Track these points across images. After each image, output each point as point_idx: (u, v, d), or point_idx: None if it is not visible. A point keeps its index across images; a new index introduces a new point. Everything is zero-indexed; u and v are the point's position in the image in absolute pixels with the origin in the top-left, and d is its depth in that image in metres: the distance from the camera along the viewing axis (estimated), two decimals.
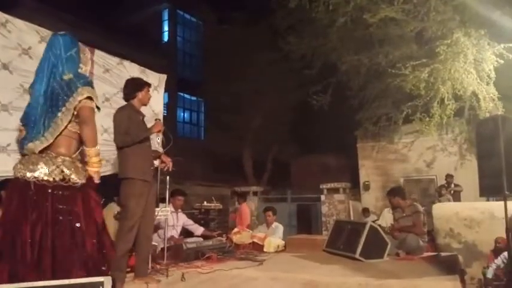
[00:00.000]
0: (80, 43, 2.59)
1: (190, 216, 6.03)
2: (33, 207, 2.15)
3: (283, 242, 5.31)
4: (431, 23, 7.83)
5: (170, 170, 3.78)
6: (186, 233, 5.63)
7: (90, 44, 5.05)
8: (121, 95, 5.20)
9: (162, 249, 4.27)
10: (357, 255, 4.08)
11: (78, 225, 2.21)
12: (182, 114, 17.61)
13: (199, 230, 5.60)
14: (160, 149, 3.91)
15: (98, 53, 5.03)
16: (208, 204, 6.74)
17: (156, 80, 5.60)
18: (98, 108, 2.49)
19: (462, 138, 10.86)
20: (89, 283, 2.45)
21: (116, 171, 5.10)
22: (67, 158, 2.31)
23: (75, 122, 2.37)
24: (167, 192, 4.22)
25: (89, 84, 2.40)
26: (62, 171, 2.23)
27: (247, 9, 13.43)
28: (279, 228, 6.00)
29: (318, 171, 13.67)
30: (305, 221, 11.67)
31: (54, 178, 2.20)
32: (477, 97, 8.12)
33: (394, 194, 5.13)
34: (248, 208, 7.74)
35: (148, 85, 3.67)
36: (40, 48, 4.33)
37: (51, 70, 2.39)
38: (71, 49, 2.47)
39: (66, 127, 2.32)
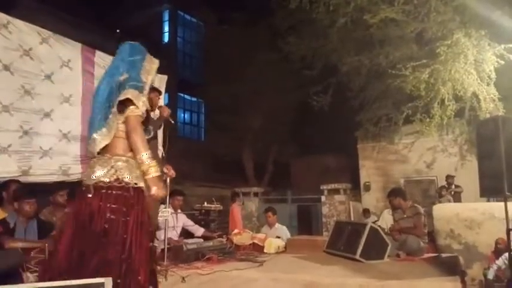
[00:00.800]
0: (148, 54, 2.58)
1: (190, 217, 6.03)
2: (90, 208, 2.21)
3: (284, 243, 5.31)
4: (431, 24, 7.82)
5: (172, 177, 3.79)
6: (186, 234, 5.63)
7: (90, 45, 5.08)
8: None
9: (162, 250, 4.27)
10: (358, 256, 4.08)
11: (125, 225, 2.24)
12: (182, 115, 17.61)
13: (199, 231, 5.60)
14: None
15: (99, 53, 5.05)
16: (209, 205, 6.72)
17: (157, 81, 5.61)
18: (145, 112, 2.41)
19: (462, 139, 10.86)
20: (90, 284, 2.45)
21: None
22: (122, 158, 2.32)
23: (124, 124, 2.38)
24: (167, 192, 4.22)
25: (138, 88, 2.36)
26: (116, 172, 2.26)
27: (247, 10, 13.44)
28: (283, 230, 5.99)
29: (319, 172, 13.67)
30: (305, 222, 11.67)
31: (109, 179, 2.24)
32: (477, 98, 8.11)
33: (395, 194, 5.13)
34: (238, 208, 7.73)
35: (154, 91, 3.66)
36: (41, 49, 4.36)
37: (113, 73, 2.43)
38: (135, 55, 2.50)
39: (117, 129, 2.35)
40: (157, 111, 3.86)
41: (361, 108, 10.49)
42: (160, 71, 6.40)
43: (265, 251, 5.07)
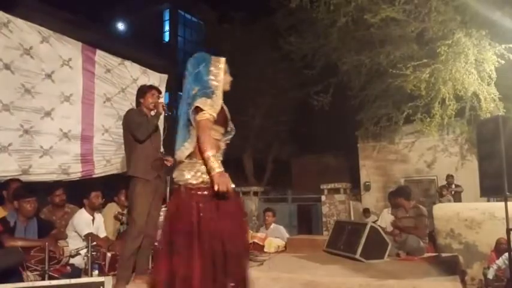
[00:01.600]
0: (213, 57, 2.79)
1: None
2: (181, 207, 2.47)
3: (284, 242, 5.32)
4: (432, 24, 7.81)
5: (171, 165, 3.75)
6: None
7: (91, 44, 5.08)
8: (122, 95, 5.24)
9: None
10: (358, 256, 4.08)
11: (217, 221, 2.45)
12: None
13: None
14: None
15: (100, 53, 5.05)
16: None
17: (157, 80, 5.62)
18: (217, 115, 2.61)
19: (463, 138, 10.85)
20: (90, 283, 2.46)
21: (116, 171, 5.13)
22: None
23: None
24: (167, 191, 4.22)
25: (207, 94, 2.60)
26: (202, 174, 2.48)
27: (247, 9, 13.44)
28: (280, 230, 5.99)
29: (319, 172, 13.67)
30: (305, 222, 11.67)
31: (196, 181, 2.47)
32: (478, 97, 8.10)
33: (396, 195, 5.13)
34: None
35: (151, 89, 3.66)
36: (41, 48, 4.36)
37: (188, 91, 2.71)
38: (199, 65, 2.74)
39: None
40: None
41: (361, 108, 10.47)
42: (161, 70, 6.43)
43: (265, 250, 5.08)
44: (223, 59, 2.82)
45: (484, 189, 3.96)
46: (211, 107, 2.54)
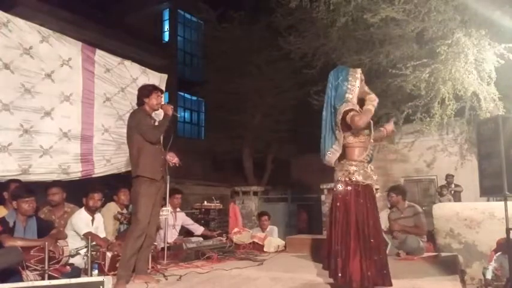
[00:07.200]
0: (351, 68, 3.34)
1: (190, 215, 6.04)
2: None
3: (283, 242, 5.33)
4: (432, 23, 7.81)
5: (178, 164, 3.76)
6: (186, 232, 5.64)
7: (90, 43, 5.09)
8: (122, 94, 5.24)
9: (162, 249, 4.28)
10: None
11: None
12: (183, 113, 17.60)
13: (199, 229, 5.61)
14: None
15: (99, 52, 5.05)
16: (209, 204, 6.73)
17: (157, 80, 5.62)
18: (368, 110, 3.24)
19: (463, 138, 10.85)
20: (89, 283, 2.46)
21: (116, 171, 5.14)
22: (353, 162, 3.26)
23: (351, 134, 3.25)
24: (167, 191, 4.22)
25: (342, 101, 3.19)
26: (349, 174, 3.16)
27: (247, 9, 13.42)
28: (274, 230, 6.02)
29: (319, 171, 13.61)
30: (305, 221, 11.67)
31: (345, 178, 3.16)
32: (478, 97, 8.09)
33: (397, 192, 5.13)
34: (235, 208, 7.77)
35: (156, 90, 3.66)
36: (41, 48, 4.36)
37: (329, 98, 3.30)
38: (338, 79, 3.28)
39: (345, 141, 3.24)
40: (160, 110, 3.85)
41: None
42: (160, 69, 6.43)
43: (264, 250, 5.09)
44: (358, 70, 3.34)
45: (484, 189, 3.97)
46: (353, 105, 3.16)
